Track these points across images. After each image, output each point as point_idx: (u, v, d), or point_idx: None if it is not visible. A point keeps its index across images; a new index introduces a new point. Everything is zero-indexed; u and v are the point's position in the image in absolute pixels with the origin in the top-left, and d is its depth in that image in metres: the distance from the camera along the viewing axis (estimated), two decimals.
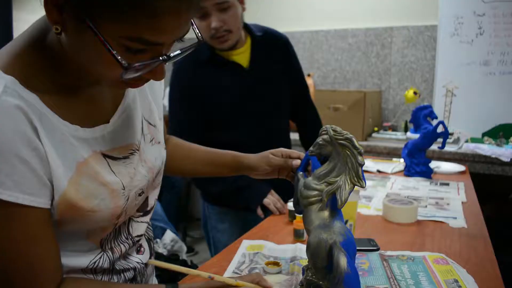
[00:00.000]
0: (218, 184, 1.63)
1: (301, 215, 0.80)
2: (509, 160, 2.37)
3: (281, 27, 2.00)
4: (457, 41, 2.93)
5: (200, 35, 0.70)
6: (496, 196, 2.56)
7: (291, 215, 1.36)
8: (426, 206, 1.52)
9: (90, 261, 0.80)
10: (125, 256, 0.87)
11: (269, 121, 1.72)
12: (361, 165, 0.70)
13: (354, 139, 0.71)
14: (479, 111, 2.89)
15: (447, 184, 1.84)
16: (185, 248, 2.57)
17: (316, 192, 0.75)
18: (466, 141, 2.74)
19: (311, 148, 0.79)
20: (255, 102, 1.68)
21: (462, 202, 1.57)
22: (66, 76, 0.71)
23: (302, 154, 1.02)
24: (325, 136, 0.75)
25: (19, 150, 0.62)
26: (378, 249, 1.11)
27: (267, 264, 1.02)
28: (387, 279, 0.95)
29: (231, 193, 1.63)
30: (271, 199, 1.54)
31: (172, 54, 0.67)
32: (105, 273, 0.84)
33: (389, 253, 1.09)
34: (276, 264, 1.02)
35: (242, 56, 1.66)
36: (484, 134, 2.81)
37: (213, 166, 1.14)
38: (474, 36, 2.89)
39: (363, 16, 3.37)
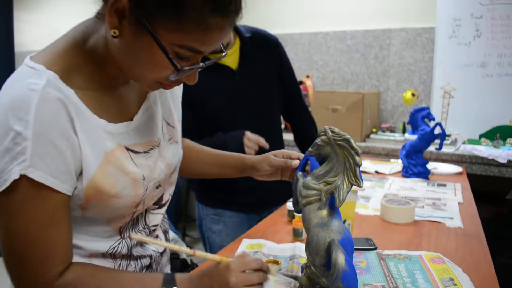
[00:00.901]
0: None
1: (300, 215, 0.82)
2: (505, 161, 2.39)
3: (281, 29, 2.02)
4: (455, 43, 2.96)
5: (224, 47, 0.77)
6: (493, 197, 2.58)
7: (290, 215, 1.38)
8: (423, 207, 1.54)
9: (110, 246, 0.88)
10: (142, 244, 0.95)
11: (261, 123, 1.71)
12: (359, 165, 0.72)
13: (352, 140, 0.73)
14: (476, 112, 2.91)
15: (444, 185, 1.86)
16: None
17: (314, 192, 0.77)
18: (463, 143, 2.76)
19: (310, 149, 0.81)
20: (246, 103, 1.67)
21: (458, 203, 1.59)
22: (101, 76, 0.81)
23: (302, 155, 1.04)
24: (324, 137, 0.77)
25: (55, 138, 0.70)
26: (375, 248, 1.13)
27: (267, 262, 1.04)
28: (384, 277, 0.97)
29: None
30: (252, 141, 1.52)
31: (207, 62, 0.78)
32: (124, 258, 0.91)
33: (386, 252, 1.11)
34: (275, 262, 1.04)
35: (231, 58, 1.65)
36: (481, 136, 2.83)
37: (220, 167, 1.19)
38: (472, 38, 2.92)
39: (362, 18, 3.39)
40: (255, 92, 1.69)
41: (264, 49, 1.72)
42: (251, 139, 1.53)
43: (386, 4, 3.30)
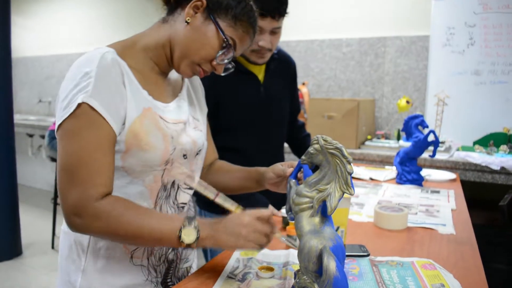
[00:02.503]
0: None
1: (293, 222, 0.84)
2: (499, 168, 2.42)
3: None
4: (449, 51, 2.99)
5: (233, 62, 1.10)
6: (486, 203, 2.60)
7: (285, 222, 1.39)
8: (416, 213, 1.56)
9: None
10: None
11: (274, 134, 1.83)
12: (350, 173, 0.73)
13: (343, 149, 0.74)
14: (470, 120, 2.94)
15: (438, 192, 1.88)
16: None
17: (307, 199, 0.79)
18: (457, 149, 2.79)
19: (303, 157, 0.82)
20: (266, 114, 1.77)
21: (451, 210, 1.61)
22: (147, 66, 1.06)
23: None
24: (316, 146, 0.78)
25: (111, 83, 0.93)
26: (368, 255, 1.15)
27: (261, 269, 1.05)
28: (376, 283, 0.98)
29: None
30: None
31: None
32: None
33: (379, 258, 1.13)
34: (269, 269, 1.05)
35: (259, 70, 1.76)
36: (474, 143, 2.85)
37: (244, 180, 1.27)
38: (465, 47, 2.95)
39: (357, 26, 3.42)
40: (275, 105, 1.81)
41: (286, 68, 1.90)
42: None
43: (381, 12, 3.34)
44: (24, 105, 5.98)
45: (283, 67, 1.88)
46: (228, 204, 1.02)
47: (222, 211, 1.74)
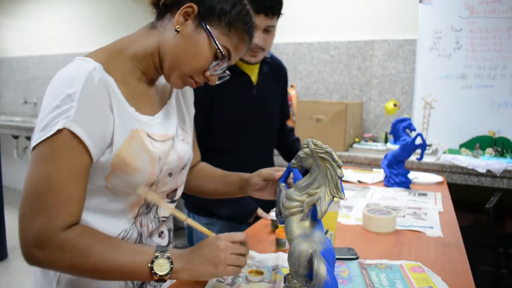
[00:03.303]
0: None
1: (283, 225, 0.83)
2: (485, 171, 2.45)
3: None
4: (436, 55, 3.02)
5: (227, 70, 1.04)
6: (472, 205, 2.63)
7: (274, 225, 1.39)
8: (404, 216, 1.57)
9: (122, 229, 0.98)
10: (150, 235, 1.06)
11: (265, 137, 1.84)
12: (340, 177, 0.73)
13: (333, 153, 0.74)
14: (457, 123, 2.97)
15: (425, 195, 1.90)
16: None
17: (297, 203, 0.79)
18: (444, 152, 2.82)
19: (293, 161, 0.82)
20: (258, 116, 1.78)
21: (439, 212, 1.62)
22: (135, 76, 1.00)
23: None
24: (306, 150, 0.78)
25: (96, 107, 0.87)
26: (357, 258, 1.15)
27: (250, 272, 1.04)
28: (366, 286, 0.98)
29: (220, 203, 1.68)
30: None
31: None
32: None
33: (368, 261, 1.13)
34: (259, 272, 1.05)
35: (252, 72, 1.77)
36: (461, 146, 2.89)
37: (225, 185, 1.26)
38: (452, 51, 2.99)
39: (345, 29, 3.44)
40: (266, 108, 1.83)
41: (278, 74, 1.92)
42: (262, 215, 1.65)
43: (369, 16, 3.36)
44: (9, 106, 5.90)
45: (275, 71, 1.89)
46: (200, 227, 0.99)
47: (212, 215, 1.76)
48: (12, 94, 5.88)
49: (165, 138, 1.03)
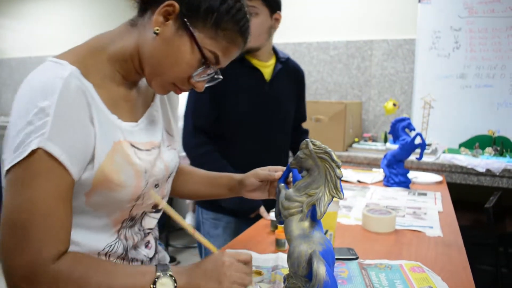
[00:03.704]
0: None
1: (283, 225, 0.83)
2: (484, 170, 2.44)
3: None
4: (435, 55, 3.02)
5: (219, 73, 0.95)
6: (472, 205, 2.63)
7: (273, 225, 1.39)
8: (404, 216, 1.56)
9: (107, 244, 0.91)
10: (136, 247, 0.98)
11: (276, 132, 1.86)
12: (340, 177, 0.73)
13: (333, 153, 0.74)
14: (456, 122, 2.97)
15: (425, 194, 1.89)
16: (168, 258, 2.56)
17: (296, 204, 0.78)
18: (443, 152, 2.82)
19: (292, 161, 0.82)
20: (268, 113, 1.80)
21: (438, 212, 1.62)
22: (116, 78, 0.90)
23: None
24: (306, 150, 0.78)
25: (74, 120, 0.77)
26: (357, 258, 1.15)
27: None
28: (365, 287, 0.98)
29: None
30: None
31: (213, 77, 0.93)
32: (118, 259, 0.93)
33: (367, 261, 1.13)
34: (258, 273, 1.05)
35: (266, 69, 1.81)
36: (460, 145, 2.89)
37: (212, 187, 1.21)
38: (451, 50, 2.99)
39: (345, 29, 3.44)
40: (278, 105, 1.84)
41: (293, 76, 1.94)
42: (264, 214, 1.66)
43: (368, 16, 3.36)
44: (8, 107, 5.89)
45: (290, 72, 1.91)
46: (206, 243, 0.93)
47: (220, 210, 1.77)
48: (11, 95, 5.88)
49: (151, 147, 0.95)
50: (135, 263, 0.97)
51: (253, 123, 1.77)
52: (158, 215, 1.04)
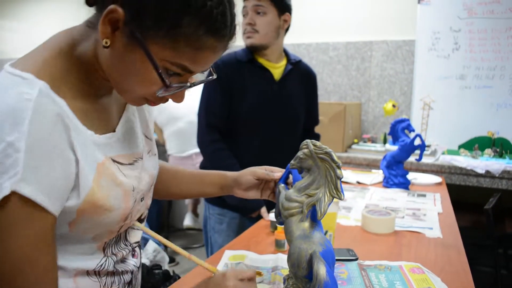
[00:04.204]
0: None
1: (282, 226, 0.83)
2: (483, 172, 2.44)
3: None
4: (434, 56, 3.02)
5: (214, 72, 0.84)
6: (471, 207, 2.63)
7: (273, 226, 1.39)
8: (403, 217, 1.56)
9: (97, 264, 0.83)
10: (123, 259, 0.92)
11: (284, 133, 1.87)
12: (340, 178, 0.73)
13: (333, 154, 0.74)
14: (455, 124, 2.97)
15: (424, 195, 1.89)
16: (167, 259, 2.56)
17: (296, 204, 0.78)
18: (443, 153, 2.82)
19: (292, 161, 0.82)
20: (275, 113, 1.82)
21: (438, 213, 1.62)
22: (86, 85, 0.77)
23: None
24: (306, 150, 0.78)
25: (50, 151, 0.66)
26: (356, 259, 1.15)
27: None
28: None
29: None
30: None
31: (194, 82, 0.77)
32: (109, 275, 0.88)
33: (367, 262, 1.13)
34: (258, 273, 1.04)
35: (276, 70, 1.84)
36: (460, 146, 2.89)
37: (199, 185, 1.14)
38: (451, 51, 2.99)
39: (344, 30, 3.44)
40: (287, 105, 1.86)
41: (304, 78, 1.95)
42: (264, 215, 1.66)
43: (368, 16, 3.36)
44: None
45: (301, 74, 1.93)
46: (203, 263, 0.89)
47: (225, 206, 1.78)
48: None
49: (133, 159, 0.86)
50: (125, 275, 0.92)
51: (259, 121, 1.80)
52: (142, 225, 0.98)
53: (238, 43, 0.96)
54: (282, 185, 0.91)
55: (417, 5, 3.04)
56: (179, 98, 0.79)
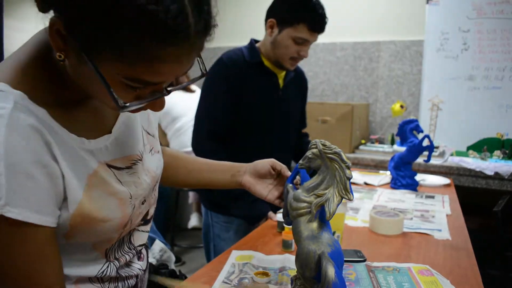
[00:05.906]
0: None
1: (290, 226, 0.82)
2: (492, 173, 2.42)
3: None
4: (443, 56, 3.00)
5: (205, 68, 0.73)
6: (480, 209, 2.60)
7: (280, 226, 1.38)
8: (411, 218, 1.55)
9: (98, 271, 0.81)
10: (128, 263, 0.89)
11: (285, 134, 1.92)
12: (349, 178, 0.72)
13: (342, 153, 0.73)
14: (464, 125, 2.95)
15: (433, 197, 1.88)
16: (173, 258, 2.55)
17: (305, 204, 0.77)
18: (451, 155, 2.79)
19: (300, 161, 0.81)
20: (279, 116, 1.86)
21: (446, 215, 1.61)
22: (70, 90, 0.71)
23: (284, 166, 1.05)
24: (315, 150, 0.77)
25: (31, 168, 0.62)
26: (364, 260, 1.14)
27: (256, 274, 1.03)
28: None
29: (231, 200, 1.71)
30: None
31: (170, 88, 0.69)
32: (112, 281, 0.86)
33: (375, 264, 1.12)
34: (265, 274, 1.04)
35: (280, 75, 1.87)
36: (468, 148, 2.86)
37: (209, 172, 1.12)
38: (459, 52, 2.96)
39: (351, 31, 3.43)
40: (288, 111, 1.91)
41: (300, 82, 2.02)
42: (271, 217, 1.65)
43: (376, 17, 3.34)
44: None
45: (298, 78, 1.99)
46: None
47: (231, 213, 1.77)
48: None
49: (130, 162, 0.82)
50: (130, 280, 0.90)
51: (260, 126, 1.80)
52: (148, 227, 0.95)
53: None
54: (290, 185, 0.91)
55: (425, 5, 3.03)
56: (157, 107, 0.71)
